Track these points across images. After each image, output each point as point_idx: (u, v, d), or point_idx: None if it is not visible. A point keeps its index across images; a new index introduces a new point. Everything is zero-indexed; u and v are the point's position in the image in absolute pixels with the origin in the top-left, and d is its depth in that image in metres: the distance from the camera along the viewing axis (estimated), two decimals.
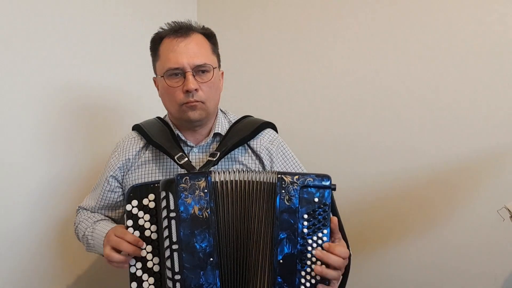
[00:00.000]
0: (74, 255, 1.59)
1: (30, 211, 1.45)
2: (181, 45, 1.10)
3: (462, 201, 1.59)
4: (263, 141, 1.21)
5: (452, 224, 1.61)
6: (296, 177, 0.95)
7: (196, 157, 1.18)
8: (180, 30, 1.12)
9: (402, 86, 1.68)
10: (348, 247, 0.99)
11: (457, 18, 1.57)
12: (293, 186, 0.94)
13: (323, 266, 0.92)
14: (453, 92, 1.59)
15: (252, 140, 1.19)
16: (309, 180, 0.94)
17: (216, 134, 1.20)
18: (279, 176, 0.95)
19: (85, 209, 1.29)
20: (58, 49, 1.50)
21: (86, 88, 1.61)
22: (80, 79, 1.59)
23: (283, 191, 0.94)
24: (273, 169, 1.17)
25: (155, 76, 1.21)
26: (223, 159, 1.15)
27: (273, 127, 1.27)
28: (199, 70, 1.11)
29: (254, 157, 1.19)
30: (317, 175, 0.95)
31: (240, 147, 1.18)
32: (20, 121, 1.40)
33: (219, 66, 1.21)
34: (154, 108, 1.59)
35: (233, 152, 1.17)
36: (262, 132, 1.22)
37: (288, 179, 0.94)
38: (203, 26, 1.18)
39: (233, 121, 1.25)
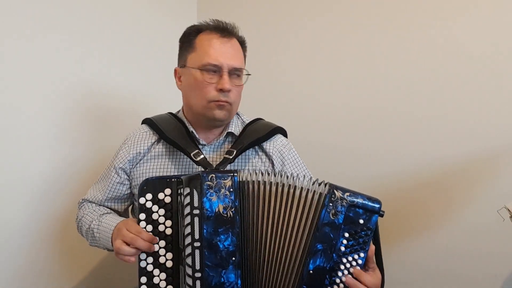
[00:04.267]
0: (78, 252, 1.55)
1: (33, 209, 1.41)
2: (227, 45, 1.12)
3: (461, 203, 1.61)
4: (276, 144, 1.22)
5: (451, 225, 1.63)
6: (347, 193, 0.93)
7: (207, 156, 1.18)
8: (226, 30, 1.14)
9: (399, 91, 1.71)
10: (383, 279, 0.98)
11: (450, 23, 1.61)
12: (342, 202, 0.92)
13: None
14: (450, 94, 1.61)
15: (265, 142, 1.21)
16: (359, 200, 0.93)
17: (229, 134, 1.21)
18: (330, 188, 0.93)
19: (90, 201, 1.25)
20: (63, 47, 1.48)
21: (89, 86, 1.58)
22: (83, 77, 1.56)
23: (331, 204, 0.92)
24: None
25: (179, 66, 1.19)
26: (237, 159, 1.15)
27: (284, 134, 1.29)
28: (235, 73, 1.13)
29: (264, 159, 1.20)
30: (368, 197, 0.93)
31: (251, 149, 1.19)
32: (22, 119, 1.37)
33: None
34: (156, 104, 1.57)
35: (246, 153, 1.18)
36: (275, 136, 1.24)
37: (338, 193, 0.92)
38: (238, 33, 1.19)
39: (246, 122, 1.26)
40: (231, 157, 1.11)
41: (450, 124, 1.62)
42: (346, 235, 0.93)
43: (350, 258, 0.93)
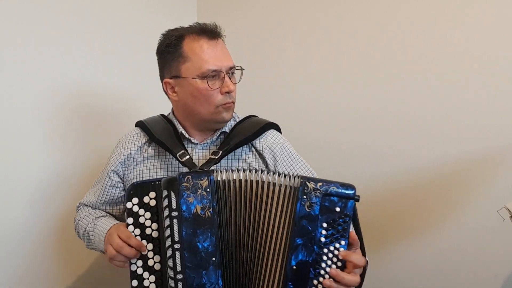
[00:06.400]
0: (75, 253, 1.59)
1: (30, 210, 1.45)
2: (218, 47, 1.12)
3: (461, 203, 1.60)
4: (266, 140, 1.20)
5: (451, 225, 1.62)
6: (320, 184, 0.92)
7: (200, 154, 1.18)
8: (212, 32, 1.12)
9: (398, 90, 1.70)
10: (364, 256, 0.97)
11: (451, 24, 1.59)
12: (316, 192, 0.91)
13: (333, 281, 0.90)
14: (449, 94, 1.59)
15: (255, 140, 1.19)
16: (333, 188, 0.91)
17: (222, 133, 1.20)
18: (302, 181, 0.92)
19: (86, 205, 1.28)
20: (56, 49, 1.49)
21: (85, 87, 1.60)
22: (79, 79, 1.57)
23: (305, 196, 0.91)
24: (277, 170, 1.16)
25: (170, 77, 1.15)
26: (226, 157, 1.14)
27: (277, 128, 1.26)
28: (231, 72, 1.13)
29: (257, 156, 1.19)
30: (342, 184, 0.92)
31: (245, 146, 1.18)
32: (19, 120, 1.40)
33: None
34: (152, 106, 1.58)
35: (237, 150, 1.17)
36: (266, 132, 1.21)
37: (311, 185, 0.91)
38: (220, 31, 1.17)
39: (237, 119, 1.25)
40: (216, 157, 1.10)
41: (449, 124, 1.60)
42: (325, 225, 0.91)
43: (332, 248, 0.92)
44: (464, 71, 1.57)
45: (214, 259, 0.92)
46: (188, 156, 1.10)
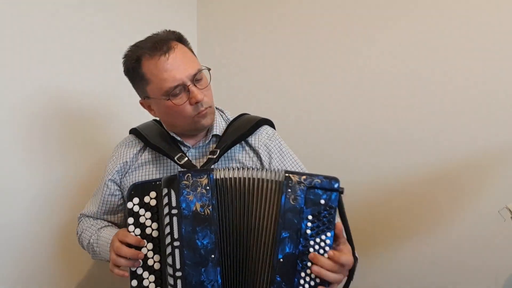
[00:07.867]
0: (76, 261, 1.59)
1: (31, 219, 1.45)
2: (171, 61, 1.05)
3: (462, 203, 1.59)
4: (261, 137, 1.21)
5: (455, 222, 1.60)
6: (304, 177, 0.93)
7: (193, 157, 1.19)
8: (161, 46, 1.06)
9: (408, 84, 1.67)
10: (353, 251, 0.97)
11: (459, 17, 1.57)
12: (300, 186, 0.93)
13: (321, 268, 0.91)
14: (459, 90, 1.57)
15: (250, 136, 1.20)
16: (317, 181, 0.93)
17: (214, 135, 1.21)
18: (287, 175, 0.94)
19: (87, 216, 1.29)
20: (52, 54, 1.50)
21: (82, 94, 1.61)
22: (74, 85, 1.58)
23: (289, 190, 0.93)
24: (271, 166, 1.18)
25: (143, 98, 1.16)
26: (221, 157, 1.15)
27: (271, 124, 1.27)
28: (196, 78, 1.09)
29: (252, 154, 1.19)
30: (326, 177, 0.94)
31: (238, 145, 1.19)
32: (17, 127, 1.41)
33: None
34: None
35: (231, 150, 1.18)
36: (260, 128, 1.22)
37: (295, 178, 0.93)
38: (170, 31, 1.14)
39: (230, 119, 1.25)
40: (214, 156, 1.12)
41: (450, 124, 1.59)
42: (310, 217, 0.92)
43: (318, 240, 0.92)
44: (464, 71, 1.55)
45: (213, 256, 0.92)
46: (186, 158, 1.12)
